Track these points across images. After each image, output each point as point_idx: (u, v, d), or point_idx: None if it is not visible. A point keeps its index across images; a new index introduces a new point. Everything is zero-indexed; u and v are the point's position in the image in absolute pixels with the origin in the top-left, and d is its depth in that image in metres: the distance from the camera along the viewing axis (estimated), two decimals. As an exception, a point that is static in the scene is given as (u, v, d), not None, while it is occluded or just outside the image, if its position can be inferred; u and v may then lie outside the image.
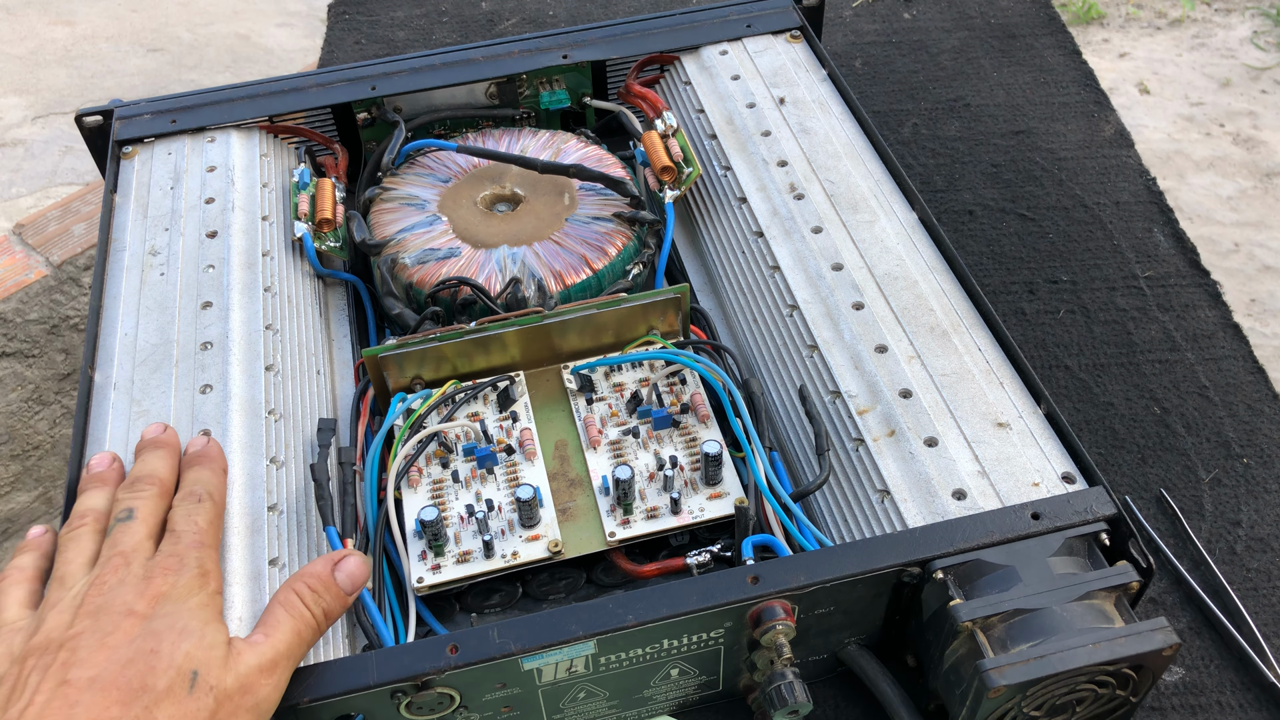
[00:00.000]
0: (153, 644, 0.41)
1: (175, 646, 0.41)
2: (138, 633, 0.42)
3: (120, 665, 0.40)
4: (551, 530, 0.53)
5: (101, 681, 0.40)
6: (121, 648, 0.41)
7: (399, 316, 0.64)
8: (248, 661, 0.43)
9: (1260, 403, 0.70)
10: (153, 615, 0.43)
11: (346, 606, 0.47)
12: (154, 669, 0.40)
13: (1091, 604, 0.47)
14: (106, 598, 0.43)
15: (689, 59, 0.78)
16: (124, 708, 0.39)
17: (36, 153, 1.08)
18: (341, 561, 0.47)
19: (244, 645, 0.43)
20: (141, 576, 0.44)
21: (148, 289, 0.63)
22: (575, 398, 0.59)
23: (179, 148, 0.72)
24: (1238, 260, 0.87)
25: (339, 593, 0.46)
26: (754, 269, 0.65)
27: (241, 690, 0.42)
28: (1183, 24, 1.13)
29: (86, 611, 0.43)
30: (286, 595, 0.46)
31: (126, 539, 0.46)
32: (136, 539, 0.46)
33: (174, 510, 0.48)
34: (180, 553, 0.45)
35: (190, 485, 0.50)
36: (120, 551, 0.45)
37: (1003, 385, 0.55)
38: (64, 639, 0.42)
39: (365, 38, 1.07)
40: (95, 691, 0.40)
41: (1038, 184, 0.87)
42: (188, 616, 0.43)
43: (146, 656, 0.41)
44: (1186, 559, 0.62)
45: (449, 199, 0.70)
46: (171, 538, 0.47)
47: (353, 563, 0.47)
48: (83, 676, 0.40)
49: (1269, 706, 0.56)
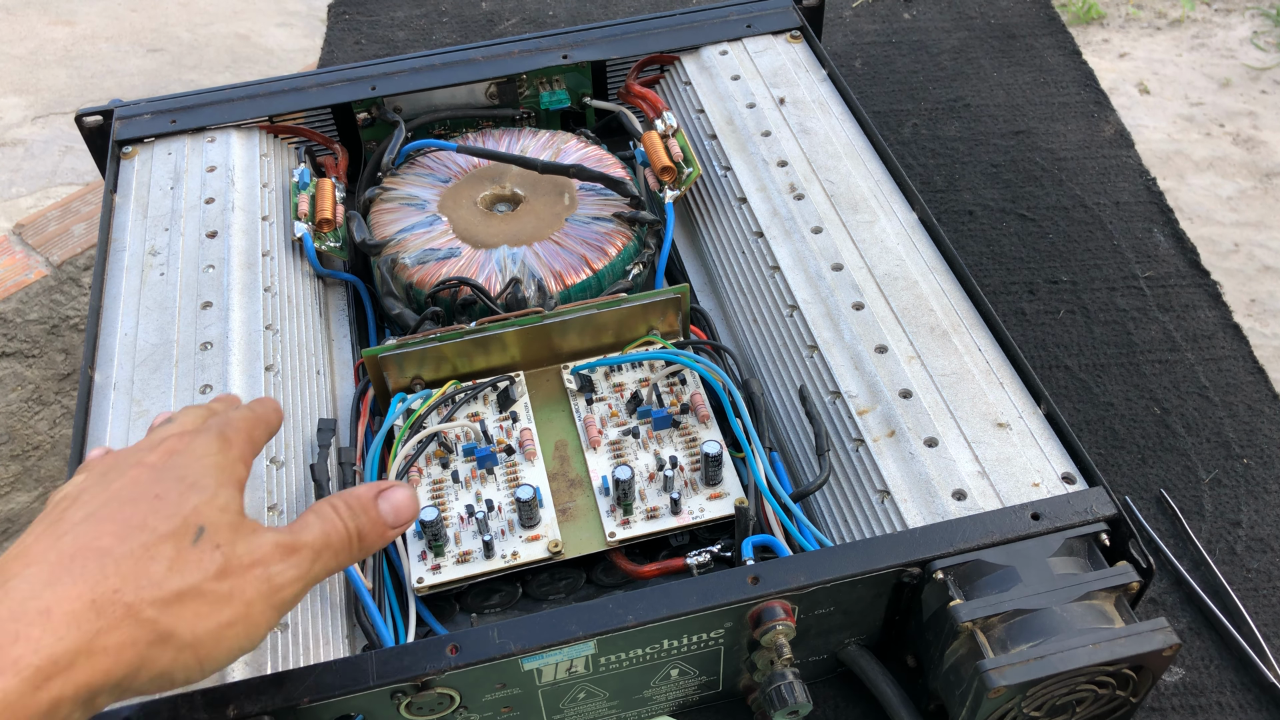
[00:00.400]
0: (158, 489, 0.39)
1: (183, 497, 0.39)
2: (144, 479, 0.40)
3: (118, 504, 0.38)
4: (551, 530, 0.53)
5: (97, 516, 0.38)
6: (124, 490, 0.39)
7: (399, 316, 0.64)
8: (263, 536, 0.40)
9: (1260, 403, 0.70)
10: (161, 466, 0.40)
11: (385, 539, 0.44)
12: (157, 511, 0.38)
13: (1091, 604, 0.47)
14: (119, 457, 0.41)
15: (689, 59, 0.78)
16: (118, 540, 0.37)
17: (36, 153, 1.08)
18: (388, 490, 0.44)
19: (263, 526, 0.41)
20: (158, 439, 0.42)
21: (148, 289, 0.63)
22: (575, 398, 0.59)
23: (179, 148, 0.72)
24: (1238, 260, 0.87)
25: (377, 518, 0.43)
26: (754, 269, 0.65)
27: (254, 561, 0.39)
28: (1183, 24, 1.13)
29: (96, 469, 0.41)
30: (320, 505, 0.43)
31: (159, 433, 0.44)
32: (167, 432, 0.44)
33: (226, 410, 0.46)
34: (196, 420, 0.43)
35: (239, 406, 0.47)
36: (149, 439, 0.43)
37: (1003, 385, 0.55)
38: (74, 493, 0.40)
39: (365, 38, 1.07)
40: (89, 524, 0.38)
41: (1038, 184, 0.87)
42: (199, 472, 0.40)
43: (149, 500, 0.38)
44: (1186, 559, 0.62)
45: (449, 199, 0.70)
46: (210, 418, 0.44)
47: (400, 494, 0.44)
48: (75, 516, 0.38)
49: (1269, 706, 0.56)
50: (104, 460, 0.42)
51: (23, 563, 0.37)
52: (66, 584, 0.36)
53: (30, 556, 0.37)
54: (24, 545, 0.38)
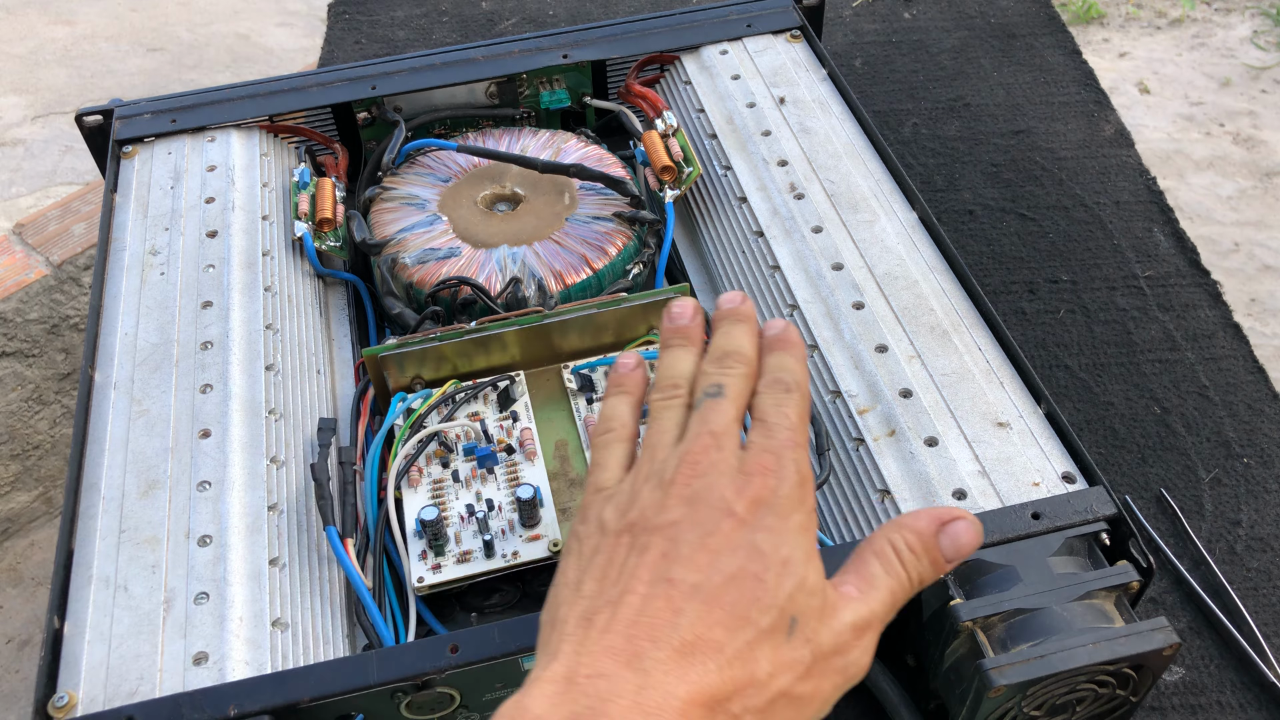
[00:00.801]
0: (757, 567, 0.36)
1: (780, 581, 0.36)
2: (739, 542, 0.37)
3: (723, 580, 0.36)
4: (552, 530, 0.53)
5: (704, 593, 0.35)
6: (723, 556, 0.36)
7: (399, 316, 0.64)
8: (843, 618, 0.37)
9: (1260, 403, 0.70)
10: (752, 524, 0.37)
11: (939, 577, 0.40)
12: (758, 600, 0.36)
13: (1091, 604, 0.47)
14: (702, 484, 0.38)
15: (689, 59, 0.78)
16: (728, 633, 0.35)
17: (36, 152, 1.08)
18: (951, 524, 0.40)
19: (838, 598, 0.38)
20: (737, 469, 0.39)
21: (148, 288, 0.63)
22: (575, 397, 0.59)
23: (179, 147, 0.72)
24: (1238, 260, 0.87)
25: (938, 559, 0.39)
26: (754, 269, 0.65)
27: (835, 650, 0.37)
28: (1183, 24, 1.13)
29: (680, 497, 0.38)
30: (883, 548, 0.39)
31: (716, 418, 0.41)
32: (726, 420, 0.41)
33: (761, 396, 0.42)
34: (776, 450, 0.40)
35: (776, 371, 0.43)
36: (710, 430, 0.40)
37: (1003, 385, 0.55)
38: (659, 523, 0.37)
39: (365, 37, 1.07)
40: (699, 603, 0.35)
41: (1038, 184, 0.87)
42: (790, 544, 0.37)
43: (751, 582, 0.36)
44: (1186, 559, 0.62)
45: (449, 199, 0.70)
46: (763, 429, 0.41)
47: (963, 528, 0.40)
48: (686, 580, 0.36)
49: (1269, 706, 0.56)
50: (688, 474, 0.39)
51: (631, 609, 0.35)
52: (693, 680, 0.34)
53: (645, 607, 0.35)
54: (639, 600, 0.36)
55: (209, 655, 0.47)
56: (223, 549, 0.50)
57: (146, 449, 0.55)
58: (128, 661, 0.47)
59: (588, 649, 0.35)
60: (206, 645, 0.47)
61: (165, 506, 0.53)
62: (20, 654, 0.91)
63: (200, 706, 0.44)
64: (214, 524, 0.52)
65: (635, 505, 0.39)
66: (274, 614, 0.49)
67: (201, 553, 0.50)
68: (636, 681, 0.33)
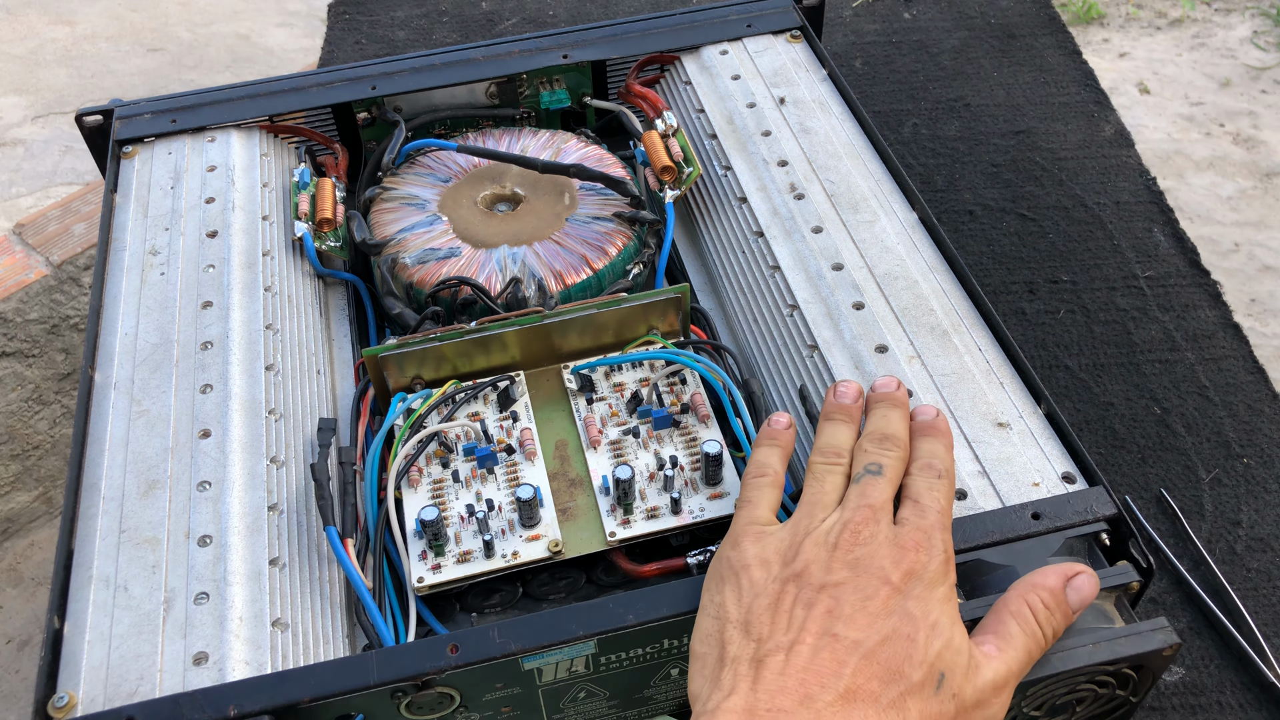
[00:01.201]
0: (909, 629, 0.41)
1: (930, 641, 0.41)
2: (894, 608, 0.41)
3: (879, 639, 0.40)
4: (552, 530, 0.53)
5: (864, 649, 0.40)
6: (880, 619, 0.41)
7: (399, 316, 0.64)
8: (985, 676, 0.41)
9: (1260, 403, 0.70)
10: (905, 591, 0.42)
11: (1067, 627, 0.45)
12: (910, 658, 0.40)
13: (1092, 604, 0.47)
14: (863, 551, 0.43)
15: (689, 59, 0.78)
16: (884, 685, 0.39)
17: (36, 152, 1.08)
18: (1076, 579, 0.45)
19: (981, 656, 0.42)
20: (893, 542, 0.44)
21: (148, 289, 0.63)
22: (575, 398, 0.59)
23: (179, 147, 0.72)
24: (1238, 260, 0.87)
25: (1067, 611, 0.44)
26: (754, 269, 0.65)
27: (977, 704, 0.41)
28: (1183, 24, 1.13)
29: (844, 560, 0.43)
30: (1019, 607, 0.44)
31: (875, 493, 0.46)
32: (883, 497, 0.46)
33: (914, 478, 0.47)
34: (927, 529, 0.44)
35: (928, 457, 0.48)
36: (869, 504, 0.45)
37: (1003, 385, 0.55)
38: (825, 582, 0.42)
39: (365, 38, 1.07)
40: (859, 658, 0.40)
41: (1038, 184, 0.87)
42: (939, 610, 0.42)
43: (904, 642, 0.40)
44: (1186, 559, 0.62)
45: (449, 199, 0.70)
46: (916, 508, 0.45)
47: (1085, 580, 0.45)
48: (848, 637, 0.40)
49: (1269, 706, 0.56)
50: (850, 542, 0.44)
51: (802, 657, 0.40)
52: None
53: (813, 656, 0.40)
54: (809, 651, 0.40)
55: (209, 655, 0.47)
56: (223, 549, 0.50)
57: (146, 449, 0.55)
58: (128, 661, 0.47)
59: (764, 688, 0.39)
60: (206, 645, 0.47)
61: (165, 506, 0.53)
62: (20, 654, 0.91)
63: (200, 706, 0.44)
64: (214, 524, 0.52)
65: (800, 558, 0.44)
66: (274, 614, 0.49)
67: (201, 553, 0.50)
68: (809, 717, 0.38)
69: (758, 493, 0.48)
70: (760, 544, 0.45)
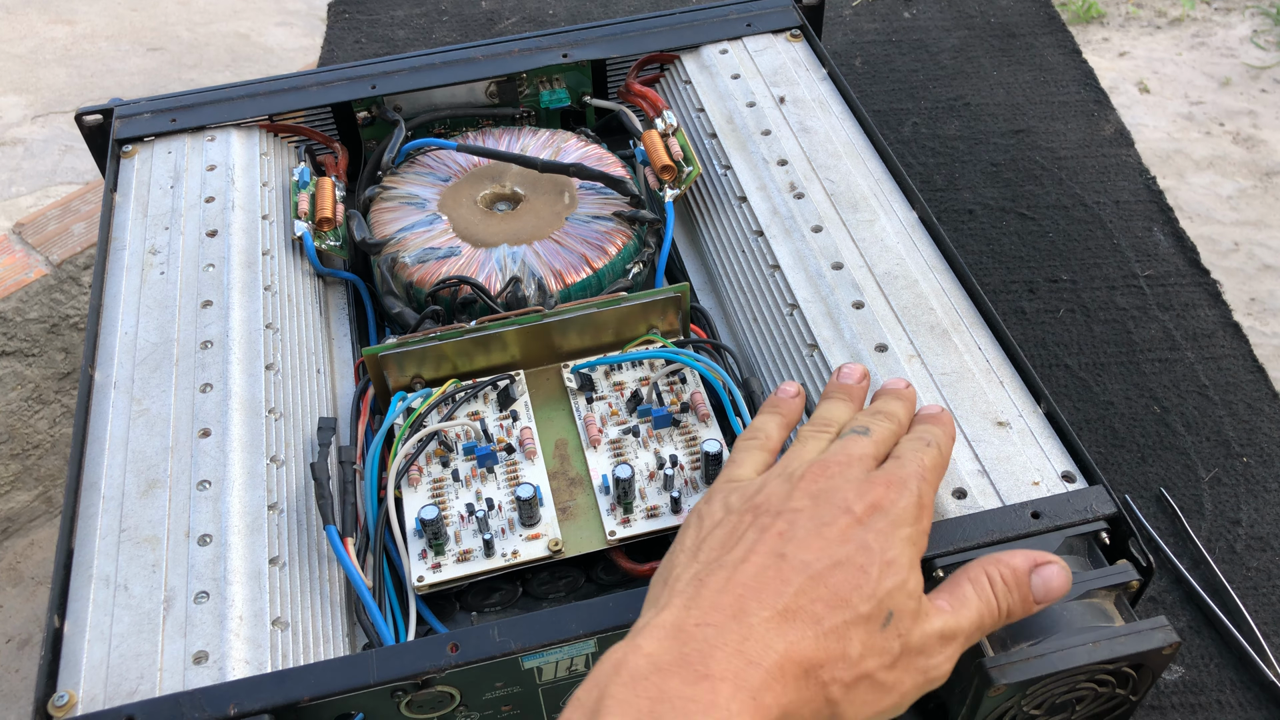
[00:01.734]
0: (863, 560, 0.40)
1: (883, 576, 0.40)
2: (851, 536, 0.40)
3: (830, 563, 0.39)
4: (552, 529, 0.53)
5: (811, 571, 0.39)
6: (834, 545, 0.40)
7: (399, 315, 0.64)
8: (933, 623, 0.41)
9: (1260, 402, 0.70)
10: (866, 524, 0.41)
11: (1028, 614, 0.44)
12: (860, 588, 0.39)
13: (1091, 603, 0.47)
14: (827, 484, 0.42)
15: (689, 58, 0.78)
16: (827, 609, 0.38)
17: (36, 152, 1.08)
18: (1044, 566, 0.43)
19: (933, 608, 0.41)
20: (862, 479, 0.43)
21: (148, 288, 0.63)
22: (575, 397, 0.59)
23: (179, 146, 0.72)
24: (1238, 259, 0.87)
25: (1028, 595, 0.43)
26: (754, 268, 0.65)
27: (921, 650, 0.40)
28: (1183, 23, 1.13)
29: (807, 491, 0.42)
30: (978, 574, 0.43)
31: (855, 447, 0.45)
32: (863, 450, 0.45)
33: (902, 443, 0.47)
34: (903, 476, 0.43)
35: (921, 433, 0.47)
36: (846, 453, 0.44)
37: (1003, 384, 0.55)
38: (782, 509, 0.41)
39: (365, 37, 1.07)
40: (806, 578, 0.39)
41: (1038, 183, 0.87)
42: (899, 549, 0.41)
43: (855, 571, 0.39)
44: (1186, 558, 0.62)
45: (449, 198, 0.70)
46: (896, 461, 0.45)
47: (1054, 571, 0.43)
48: (797, 558, 0.39)
49: (1269, 705, 0.56)
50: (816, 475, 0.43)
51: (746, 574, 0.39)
52: (790, 639, 0.37)
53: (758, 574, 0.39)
54: (755, 569, 0.39)
55: (209, 654, 0.47)
56: (223, 548, 0.50)
57: (146, 448, 0.55)
58: (128, 660, 0.47)
59: (699, 604, 0.38)
60: (206, 644, 0.47)
61: (165, 506, 0.53)
62: (20, 653, 0.91)
63: (200, 706, 0.44)
64: (214, 523, 0.52)
65: (761, 493, 0.43)
66: (274, 613, 0.49)
67: (201, 552, 0.50)
68: (740, 633, 0.37)
69: (744, 454, 0.47)
70: (728, 492, 0.44)
